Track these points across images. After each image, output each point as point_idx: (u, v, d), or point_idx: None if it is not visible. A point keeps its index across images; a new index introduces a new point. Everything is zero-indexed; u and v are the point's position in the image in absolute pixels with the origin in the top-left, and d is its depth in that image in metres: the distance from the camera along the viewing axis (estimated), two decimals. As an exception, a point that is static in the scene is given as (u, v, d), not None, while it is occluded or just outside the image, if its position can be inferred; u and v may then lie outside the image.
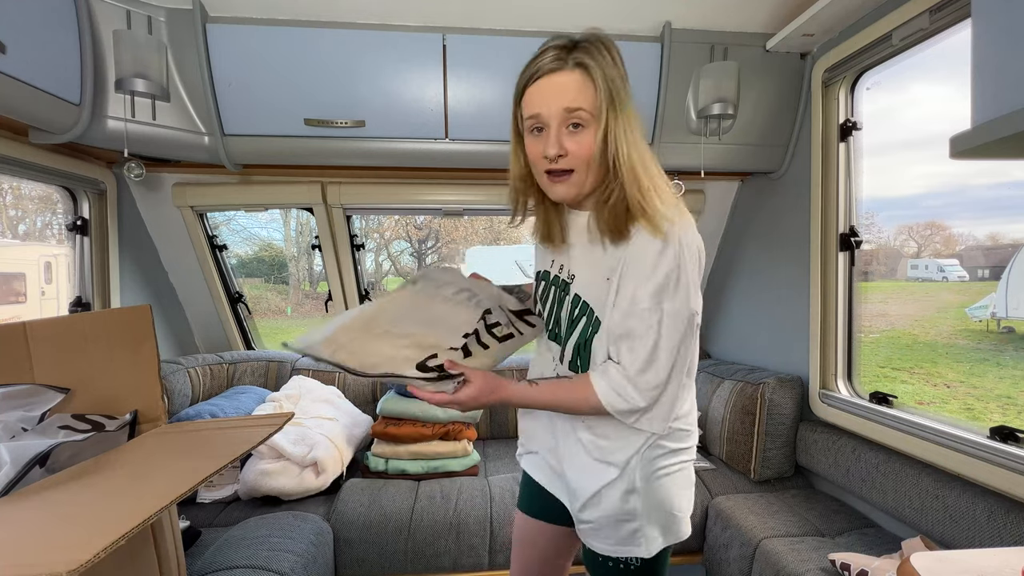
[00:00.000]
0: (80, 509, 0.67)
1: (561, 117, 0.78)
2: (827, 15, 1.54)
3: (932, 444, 1.38)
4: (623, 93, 0.78)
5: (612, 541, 0.89)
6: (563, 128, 0.79)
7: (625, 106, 0.78)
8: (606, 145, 0.77)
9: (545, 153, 0.79)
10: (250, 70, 1.67)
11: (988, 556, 0.71)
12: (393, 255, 5.27)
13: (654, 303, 0.77)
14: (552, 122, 0.78)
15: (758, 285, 2.20)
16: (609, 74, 0.77)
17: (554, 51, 0.78)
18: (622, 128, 0.77)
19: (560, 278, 0.92)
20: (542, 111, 0.79)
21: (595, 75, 0.76)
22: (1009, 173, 1.76)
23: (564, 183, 0.81)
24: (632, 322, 0.79)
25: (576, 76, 0.77)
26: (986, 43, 0.72)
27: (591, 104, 0.77)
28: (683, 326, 0.79)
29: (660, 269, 0.77)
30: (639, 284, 0.78)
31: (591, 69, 0.76)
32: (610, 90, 0.77)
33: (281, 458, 1.74)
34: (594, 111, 0.77)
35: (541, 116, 0.79)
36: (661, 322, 0.77)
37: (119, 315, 1.03)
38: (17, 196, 3.12)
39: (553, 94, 0.77)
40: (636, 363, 0.79)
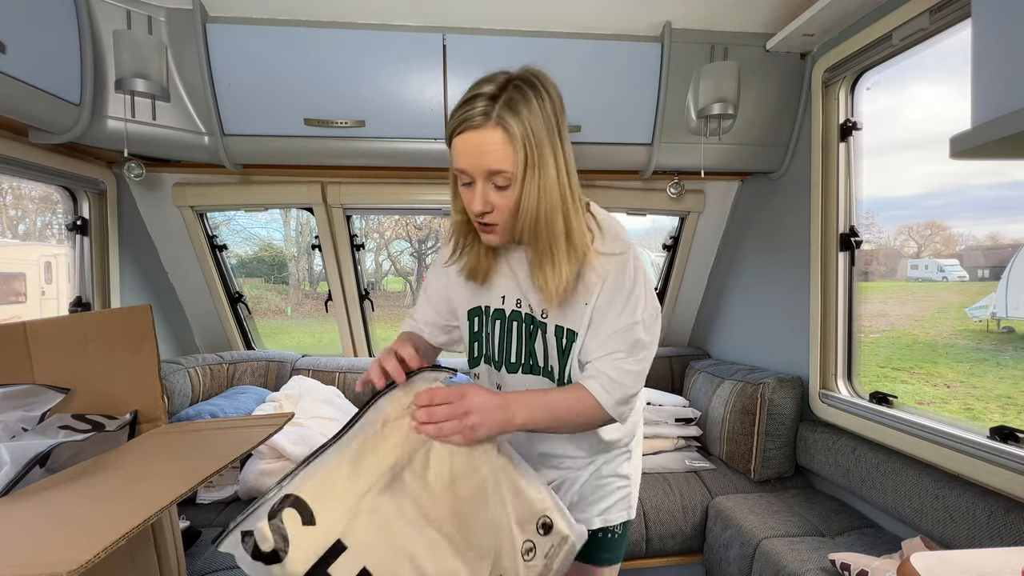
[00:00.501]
0: (80, 509, 0.67)
1: (485, 175, 0.78)
2: (827, 15, 1.54)
3: (932, 444, 1.38)
4: (546, 147, 0.78)
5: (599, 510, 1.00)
6: (488, 184, 0.79)
7: (546, 165, 0.78)
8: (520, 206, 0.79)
9: (472, 208, 0.81)
10: (250, 70, 1.67)
11: (988, 556, 0.71)
12: (393, 255, 5.27)
13: (632, 321, 0.84)
14: (478, 179, 0.79)
15: (758, 285, 2.20)
16: (532, 128, 0.76)
17: (482, 102, 0.76)
18: (535, 193, 0.78)
19: (521, 312, 0.93)
20: (467, 167, 0.79)
21: (515, 135, 0.75)
22: (1009, 173, 1.75)
23: (494, 234, 0.85)
24: (627, 336, 0.85)
25: (498, 136, 0.76)
26: (986, 43, 0.72)
27: (511, 164, 0.77)
28: (656, 325, 0.88)
29: (634, 290, 0.84)
30: (619, 308, 0.85)
31: (511, 130, 0.75)
32: (528, 154, 0.76)
33: (281, 458, 1.74)
34: (515, 169, 0.77)
35: (467, 171, 0.80)
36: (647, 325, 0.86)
37: (119, 315, 1.03)
38: (17, 196, 3.12)
39: (477, 153, 0.77)
40: (638, 363, 0.85)
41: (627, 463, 1.03)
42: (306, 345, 2.84)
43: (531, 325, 0.92)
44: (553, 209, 0.79)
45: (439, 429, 0.73)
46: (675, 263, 2.48)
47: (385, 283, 5.46)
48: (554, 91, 0.81)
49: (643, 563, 1.81)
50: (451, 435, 0.74)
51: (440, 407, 0.74)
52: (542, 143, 0.77)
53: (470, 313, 0.99)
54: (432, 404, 0.74)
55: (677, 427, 2.11)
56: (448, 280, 1.00)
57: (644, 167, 1.93)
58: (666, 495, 1.84)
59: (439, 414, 0.73)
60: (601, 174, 2.15)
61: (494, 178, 0.78)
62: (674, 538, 1.80)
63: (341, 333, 2.51)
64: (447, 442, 0.75)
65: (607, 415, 0.85)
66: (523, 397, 0.82)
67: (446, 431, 0.73)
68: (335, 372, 2.30)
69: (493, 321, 0.96)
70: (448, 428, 0.73)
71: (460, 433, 0.74)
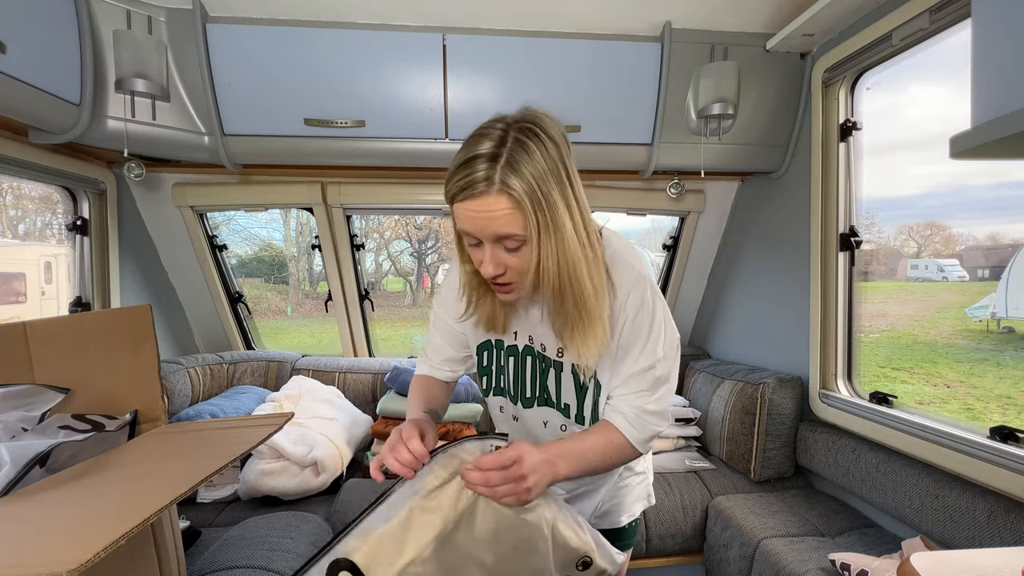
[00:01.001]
0: (80, 509, 0.67)
1: (494, 239, 0.73)
2: (827, 15, 1.54)
3: (932, 444, 1.38)
4: (558, 203, 0.72)
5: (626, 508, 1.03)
6: (498, 247, 0.74)
7: (561, 224, 0.72)
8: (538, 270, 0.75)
9: (483, 271, 0.76)
10: (250, 70, 1.67)
11: (988, 556, 0.71)
12: (393, 255, 5.27)
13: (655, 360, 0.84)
14: (486, 243, 0.74)
15: (758, 285, 2.20)
16: (542, 190, 0.70)
17: (482, 164, 0.70)
18: (554, 254, 0.73)
19: (532, 349, 0.91)
20: (474, 232, 0.74)
21: (523, 204, 0.70)
22: (1008, 173, 1.75)
23: (511, 292, 0.80)
24: (648, 375, 0.84)
25: (504, 202, 0.70)
26: (986, 43, 0.72)
27: (523, 228, 0.71)
28: (676, 356, 0.88)
29: (653, 326, 0.83)
30: (640, 347, 0.83)
31: (517, 195, 0.69)
32: (540, 216, 0.71)
33: (281, 458, 1.74)
34: (527, 232, 0.72)
35: (473, 235, 0.75)
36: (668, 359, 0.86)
37: (119, 315, 1.03)
38: (17, 196, 3.12)
39: (481, 220, 0.72)
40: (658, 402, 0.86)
41: (643, 460, 1.06)
42: (306, 345, 2.84)
43: (543, 363, 0.91)
44: (576, 266, 0.74)
45: (494, 492, 0.71)
46: (675, 263, 2.48)
47: (385, 283, 5.47)
48: (556, 132, 0.74)
49: (643, 563, 1.81)
50: (506, 498, 0.71)
51: (495, 473, 0.70)
52: (552, 201, 0.71)
53: (479, 348, 0.97)
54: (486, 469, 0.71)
55: (677, 427, 2.11)
56: (458, 312, 0.95)
57: (644, 167, 1.93)
58: (666, 495, 1.84)
59: (494, 479, 0.70)
60: (601, 174, 2.15)
61: (504, 241, 0.74)
62: (674, 538, 1.80)
63: (341, 333, 2.51)
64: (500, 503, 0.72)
65: (635, 451, 0.86)
66: (564, 449, 0.79)
67: (501, 494, 0.71)
68: (335, 372, 2.30)
69: (507, 356, 0.94)
70: (503, 491, 0.71)
71: (515, 496, 0.71)
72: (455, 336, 0.99)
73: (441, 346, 1.00)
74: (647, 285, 0.83)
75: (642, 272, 0.84)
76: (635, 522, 1.07)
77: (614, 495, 1.02)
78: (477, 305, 0.88)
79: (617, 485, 1.02)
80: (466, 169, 0.71)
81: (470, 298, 0.88)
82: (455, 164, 0.73)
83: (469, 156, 0.71)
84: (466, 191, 0.71)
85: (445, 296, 0.97)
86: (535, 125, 0.73)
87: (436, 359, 1.01)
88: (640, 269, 0.84)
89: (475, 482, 0.71)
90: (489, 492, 0.71)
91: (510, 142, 0.71)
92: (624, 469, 1.02)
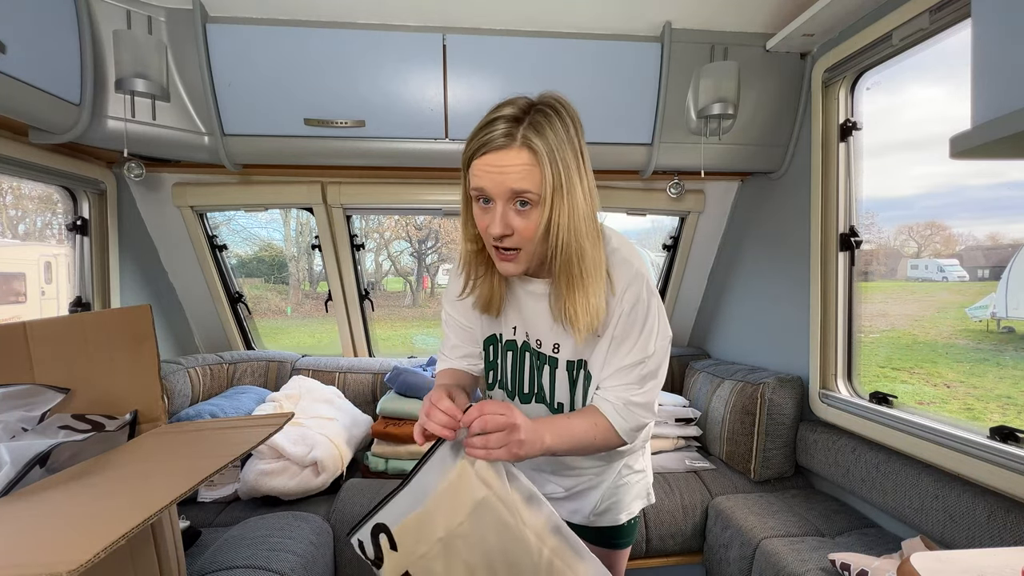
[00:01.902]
0: (80, 509, 0.67)
1: (508, 195, 0.75)
2: (827, 15, 1.54)
3: (932, 444, 1.38)
4: (573, 171, 0.75)
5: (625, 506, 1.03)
6: (509, 205, 0.76)
7: (573, 187, 0.75)
8: (548, 231, 0.76)
9: (491, 231, 0.77)
10: (250, 70, 1.67)
11: (988, 556, 0.71)
12: (393, 255, 5.26)
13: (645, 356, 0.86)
14: (499, 200, 0.76)
15: (758, 285, 2.20)
16: (560, 154, 0.74)
17: (504, 124, 0.73)
18: (565, 215, 0.75)
19: (529, 345, 0.93)
20: (488, 188, 0.75)
21: (543, 160, 0.73)
22: (1006, 174, 1.75)
23: (513, 261, 0.81)
24: (637, 370, 0.86)
25: (524, 157, 0.73)
26: (986, 43, 0.72)
27: (538, 186, 0.74)
28: (666, 354, 0.89)
29: (647, 322, 0.85)
30: (632, 343, 0.85)
31: (539, 152, 0.72)
32: (556, 175, 0.73)
33: (281, 458, 1.74)
34: (541, 192, 0.74)
35: (487, 191, 0.76)
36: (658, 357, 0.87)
37: (119, 315, 1.03)
38: (17, 196, 3.12)
39: (500, 173, 0.74)
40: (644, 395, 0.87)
41: (642, 458, 1.07)
42: (306, 345, 2.84)
43: (539, 360, 0.93)
44: (583, 235, 0.77)
45: (486, 441, 0.72)
46: (675, 263, 2.48)
47: (385, 283, 5.46)
48: (576, 118, 0.79)
49: (643, 563, 1.81)
50: (497, 451, 0.72)
51: (493, 417, 0.72)
52: (569, 166, 0.75)
53: (485, 342, 0.99)
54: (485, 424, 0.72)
55: (677, 427, 2.11)
56: (465, 311, 0.98)
57: (644, 167, 1.93)
58: (666, 495, 1.84)
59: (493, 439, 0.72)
60: (601, 174, 2.12)
61: (517, 199, 0.75)
62: (674, 538, 1.80)
63: (341, 333, 2.51)
64: (492, 458, 0.73)
65: (620, 439, 0.87)
66: (551, 422, 0.83)
67: (492, 444, 0.72)
68: (335, 372, 2.30)
69: (505, 351, 0.96)
70: (495, 440, 0.72)
71: (507, 448, 0.72)
72: (467, 333, 1.01)
73: (457, 344, 1.03)
74: (644, 282, 0.85)
75: (640, 270, 0.86)
76: (634, 520, 1.07)
77: (613, 493, 1.03)
78: (475, 284, 0.90)
79: (616, 483, 1.02)
80: (488, 128, 0.75)
81: (468, 275, 0.90)
82: (477, 127, 0.77)
83: (493, 118, 0.75)
84: (487, 146, 0.74)
85: (452, 292, 0.99)
86: (557, 103, 0.78)
87: (454, 356, 1.03)
88: (638, 267, 0.86)
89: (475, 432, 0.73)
90: (483, 452, 0.72)
91: (534, 111, 0.75)
92: (623, 467, 1.02)
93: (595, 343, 0.87)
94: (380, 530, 0.79)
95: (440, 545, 0.76)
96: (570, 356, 0.89)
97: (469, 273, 0.90)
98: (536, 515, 0.75)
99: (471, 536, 0.75)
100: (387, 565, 0.78)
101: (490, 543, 0.75)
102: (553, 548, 0.75)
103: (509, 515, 0.74)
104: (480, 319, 0.97)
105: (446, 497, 0.75)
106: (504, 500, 0.74)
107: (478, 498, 0.74)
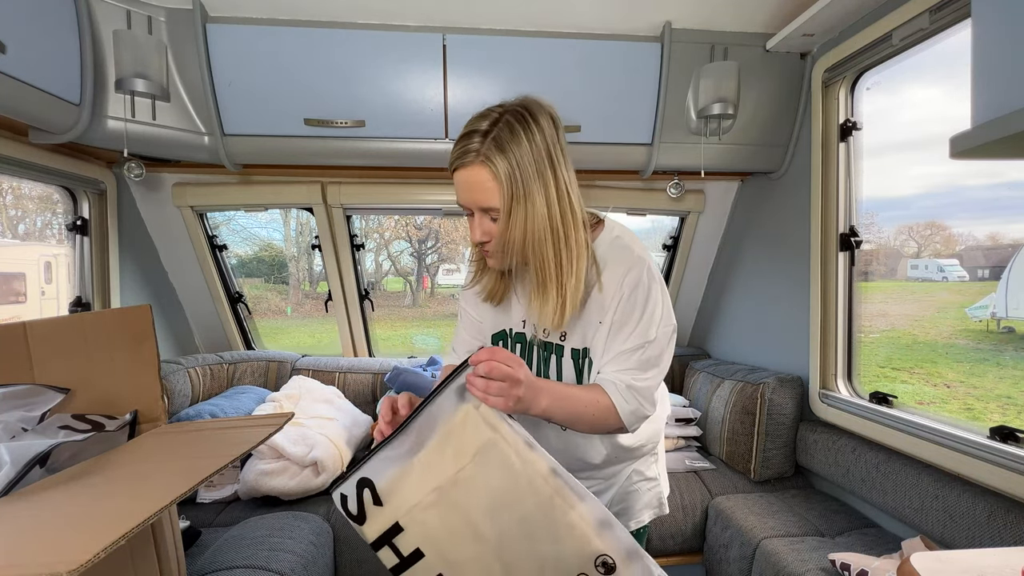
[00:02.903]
0: (80, 509, 0.67)
1: (479, 209, 0.83)
2: (827, 15, 1.54)
3: (932, 444, 1.38)
4: (533, 180, 0.80)
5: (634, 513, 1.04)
6: (484, 217, 0.84)
7: (532, 196, 0.80)
8: (508, 238, 0.82)
9: (472, 238, 0.87)
10: (250, 70, 1.67)
11: (988, 556, 0.71)
12: (393, 255, 5.26)
13: (645, 341, 0.86)
14: (475, 212, 0.84)
15: (758, 285, 2.20)
16: (519, 168, 0.79)
17: (476, 139, 0.80)
18: (522, 223, 0.81)
19: (537, 337, 0.95)
20: (463, 202, 0.85)
21: (498, 174, 0.78)
22: (1005, 174, 1.76)
23: (493, 259, 0.89)
24: (637, 355, 0.87)
25: (485, 174, 0.79)
26: (986, 43, 0.72)
27: (497, 201, 0.80)
28: (670, 343, 0.90)
29: (648, 306, 0.86)
30: (632, 327, 0.87)
31: (496, 168, 0.78)
32: (513, 190, 0.79)
33: (281, 458, 1.74)
34: (500, 204, 0.81)
35: (464, 204, 0.86)
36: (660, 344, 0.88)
37: (119, 315, 1.03)
38: (17, 196, 3.12)
39: (467, 190, 0.82)
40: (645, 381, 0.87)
41: (654, 465, 1.07)
42: (306, 345, 2.84)
43: (546, 349, 0.95)
44: (540, 241, 0.82)
45: (487, 386, 0.71)
46: (675, 263, 2.48)
47: (385, 283, 5.46)
48: (546, 121, 0.82)
49: (643, 563, 1.81)
50: (494, 398, 0.71)
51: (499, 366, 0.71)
52: (528, 179, 0.79)
53: (494, 337, 1.01)
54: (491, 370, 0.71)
55: (677, 427, 2.11)
56: (477, 304, 1.02)
57: (644, 167, 1.93)
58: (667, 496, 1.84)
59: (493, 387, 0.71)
60: (601, 174, 2.15)
61: (488, 212, 0.83)
62: (674, 538, 1.80)
63: (341, 333, 2.51)
64: (486, 404, 0.72)
65: (620, 421, 0.86)
66: (551, 386, 0.82)
67: (492, 391, 0.71)
68: (335, 372, 2.30)
69: (515, 344, 0.99)
70: (495, 388, 0.71)
71: (503, 399, 0.72)
72: (475, 326, 1.05)
73: (465, 339, 1.07)
74: (644, 267, 0.87)
75: (641, 255, 0.88)
76: (643, 529, 1.07)
77: (623, 499, 1.02)
78: (480, 275, 0.98)
79: (626, 489, 1.02)
80: (463, 142, 0.81)
81: (473, 267, 1.00)
82: (457, 138, 0.84)
83: (468, 131, 0.82)
84: (458, 160, 0.82)
85: (465, 288, 1.06)
86: (526, 111, 0.81)
87: (461, 351, 1.06)
88: (639, 252, 0.89)
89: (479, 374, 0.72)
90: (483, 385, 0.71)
91: (501, 123, 0.80)
92: (633, 472, 1.02)
93: (596, 328, 0.88)
94: (364, 484, 0.76)
95: (435, 494, 0.74)
96: (576, 344, 0.91)
97: (475, 265, 0.99)
98: (537, 457, 0.75)
99: (474, 480, 0.74)
100: (369, 522, 0.76)
101: (493, 486, 0.74)
102: (555, 487, 0.74)
103: (515, 457, 0.73)
104: (491, 313, 1.01)
105: (448, 442, 0.74)
106: (509, 442, 0.74)
107: (484, 440, 0.73)
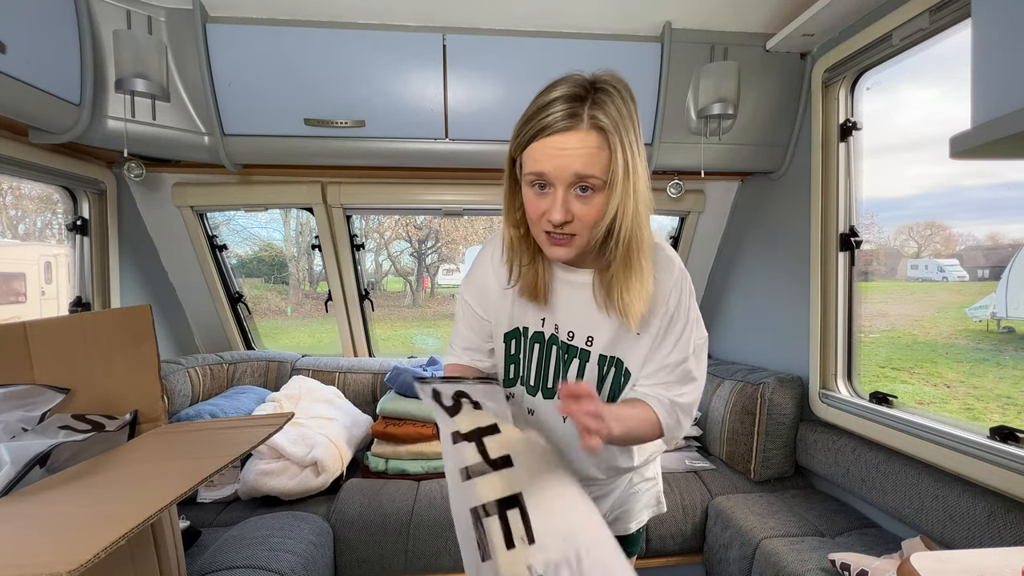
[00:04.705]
0: (80, 509, 0.67)
1: (570, 180, 0.71)
2: (827, 15, 1.54)
3: (932, 444, 1.38)
4: (637, 154, 0.72)
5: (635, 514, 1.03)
6: (570, 191, 0.72)
7: (639, 171, 0.72)
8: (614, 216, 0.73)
9: (550, 218, 0.73)
10: (250, 70, 1.67)
11: (988, 556, 0.71)
12: (393, 255, 5.26)
13: (686, 355, 0.85)
14: (559, 185, 0.71)
15: (758, 285, 2.20)
16: (627, 136, 0.70)
17: (563, 104, 0.69)
18: (631, 201, 0.72)
19: (557, 338, 0.88)
20: (549, 172, 0.71)
21: (613, 141, 0.69)
22: (1003, 174, 1.76)
23: (565, 247, 0.76)
24: (679, 369, 0.85)
25: (592, 139, 0.69)
26: (986, 43, 0.72)
27: (604, 170, 0.70)
28: (704, 355, 0.89)
29: (689, 320, 0.84)
30: (674, 340, 0.84)
31: (609, 134, 0.69)
32: (625, 158, 0.69)
33: (281, 458, 1.74)
34: (606, 178, 0.70)
35: (547, 176, 0.72)
36: (698, 357, 0.87)
37: (119, 315, 1.03)
38: (17, 196, 3.12)
39: (564, 156, 0.69)
40: (686, 396, 0.86)
41: (653, 465, 1.06)
42: (306, 345, 2.84)
43: (566, 352, 0.88)
44: (643, 222, 0.74)
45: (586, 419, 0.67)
46: (675, 263, 2.48)
47: (385, 283, 5.46)
48: (634, 99, 0.75)
49: (643, 563, 1.81)
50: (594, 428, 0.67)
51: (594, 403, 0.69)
52: (634, 149, 0.71)
53: (507, 336, 0.93)
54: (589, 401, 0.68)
55: (677, 427, 2.11)
56: (486, 300, 0.93)
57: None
58: (666, 495, 1.82)
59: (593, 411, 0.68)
60: (601, 174, 2.14)
61: (582, 181, 0.71)
62: (674, 538, 1.80)
63: (341, 333, 2.51)
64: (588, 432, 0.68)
65: (660, 435, 0.85)
66: (619, 412, 0.79)
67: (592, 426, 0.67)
68: (335, 372, 2.30)
69: (532, 344, 0.91)
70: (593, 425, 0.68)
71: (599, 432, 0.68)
72: (480, 324, 0.96)
73: (466, 336, 0.97)
74: (686, 281, 0.85)
75: (682, 267, 0.86)
76: (643, 528, 1.07)
77: (625, 501, 1.02)
78: (523, 271, 0.85)
79: (628, 491, 1.02)
80: (549, 109, 0.70)
81: (513, 261, 0.85)
82: (531, 110, 0.73)
83: (550, 99, 0.71)
84: (550, 128, 0.70)
85: (474, 278, 0.95)
86: (618, 81, 0.74)
87: (459, 349, 0.98)
88: (680, 265, 0.86)
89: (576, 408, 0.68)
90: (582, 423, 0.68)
91: (596, 90, 0.72)
92: (635, 474, 1.02)
93: (634, 340, 0.84)
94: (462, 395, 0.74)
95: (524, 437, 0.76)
96: (603, 350, 0.85)
97: (513, 259, 0.85)
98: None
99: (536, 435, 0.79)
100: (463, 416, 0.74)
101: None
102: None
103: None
104: (504, 311, 0.92)
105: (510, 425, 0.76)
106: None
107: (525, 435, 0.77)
